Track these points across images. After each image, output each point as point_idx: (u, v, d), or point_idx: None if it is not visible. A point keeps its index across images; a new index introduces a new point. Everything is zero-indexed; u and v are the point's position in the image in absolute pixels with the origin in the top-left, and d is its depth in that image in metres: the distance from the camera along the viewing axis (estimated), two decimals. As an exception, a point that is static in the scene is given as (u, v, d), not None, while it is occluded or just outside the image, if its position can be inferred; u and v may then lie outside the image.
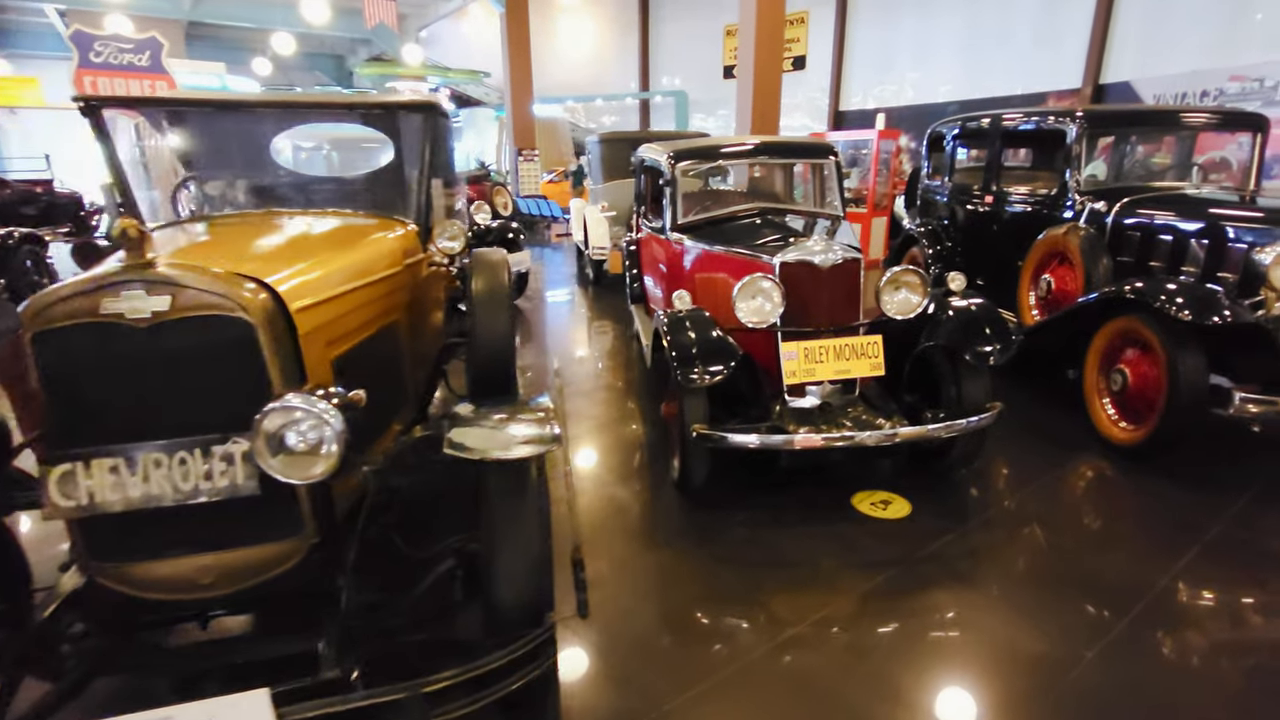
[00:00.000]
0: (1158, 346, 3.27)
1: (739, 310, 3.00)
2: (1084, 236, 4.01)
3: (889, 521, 2.97)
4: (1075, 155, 4.34)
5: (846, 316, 3.15)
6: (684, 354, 2.85)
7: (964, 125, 5.58)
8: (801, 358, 3.01)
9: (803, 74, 18.47)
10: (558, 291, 8.66)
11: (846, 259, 3.09)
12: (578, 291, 8.42)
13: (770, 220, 3.90)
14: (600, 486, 3.34)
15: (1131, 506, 3.12)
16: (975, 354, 2.92)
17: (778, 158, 4.31)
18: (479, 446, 1.58)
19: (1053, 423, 4.03)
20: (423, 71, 21.68)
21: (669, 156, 4.19)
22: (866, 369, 3.03)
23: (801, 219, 4.04)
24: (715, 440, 2.79)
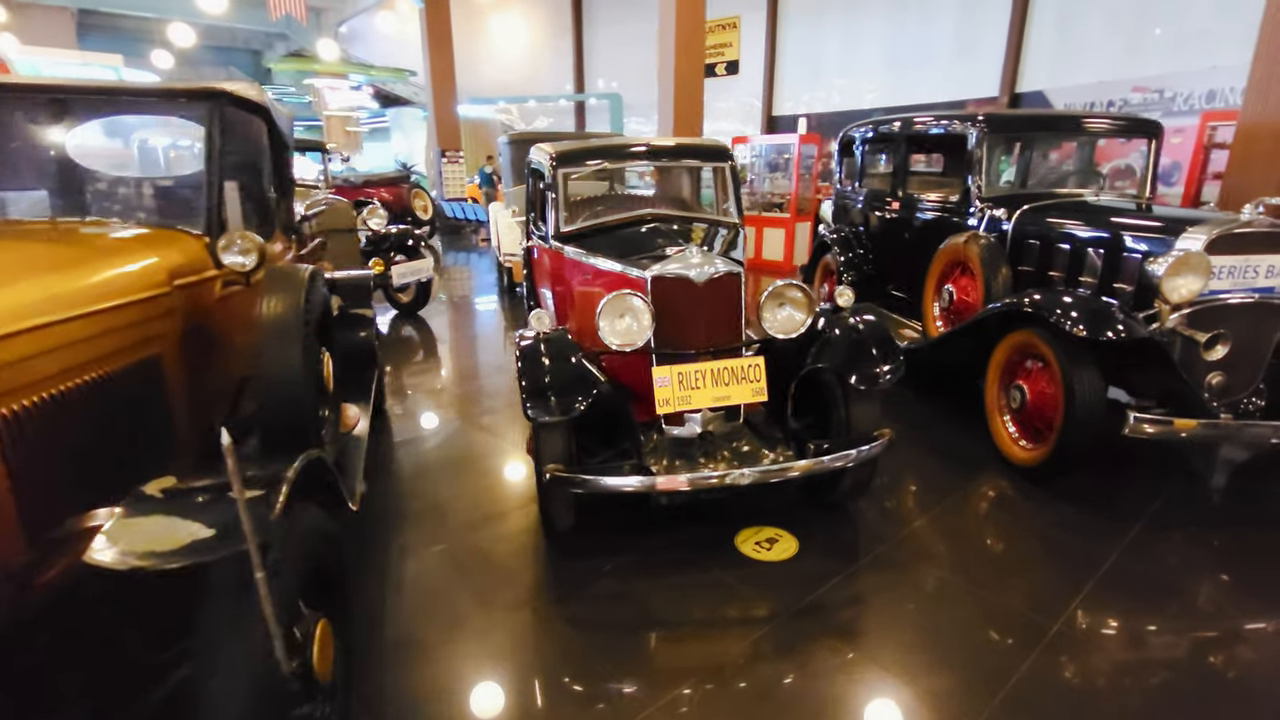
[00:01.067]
0: (1054, 362, 3.10)
1: (602, 331, 2.66)
2: (984, 245, 3.85)
3: (773, 565, 2.68)
4: (977, 160, 4.19)
5: (727, 337, 2.85)
6: (535, 385, 2.49)
7: (874, 129, 5.42)
8: (675, 384, 2.69)
9: (736, 79, 18.47)
10: (475, 300, 8.19)
11: (725, 274, 2.79)
12: (496, 301, 7.97)
13: (660, 229, 3.58)
14: (456, 533, 2.94)
15: (1030, 534, 2.92)
16: (861, 377, 2.66)
17: (667, 161, 4.00)
18: (132, 548, 1.17)
19: (957, 440, 3.85)
20: (343, 68, 20.71)
21: (551, 159, 3.83)
22: (748, 395, 2.73)
23: (703, 226, 3.74)
24: (571, 483, 2.43)
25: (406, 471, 3.56)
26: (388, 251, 6.72)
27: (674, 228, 3.56)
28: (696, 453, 2.76)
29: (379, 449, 3.83)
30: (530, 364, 2.55)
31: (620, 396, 2.77)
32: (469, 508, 3.15)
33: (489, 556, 2.76)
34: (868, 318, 2.87)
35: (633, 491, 2.43)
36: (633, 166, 3.98)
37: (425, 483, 3.42)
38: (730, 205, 3.94)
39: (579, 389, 2.51)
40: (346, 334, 3.72)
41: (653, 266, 2.81)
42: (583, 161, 3.85)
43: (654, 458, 2.72)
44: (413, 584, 2.58)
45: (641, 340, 2.70)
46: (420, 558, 2.74)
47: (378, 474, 3.51)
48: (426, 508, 3.16)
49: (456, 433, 4.06)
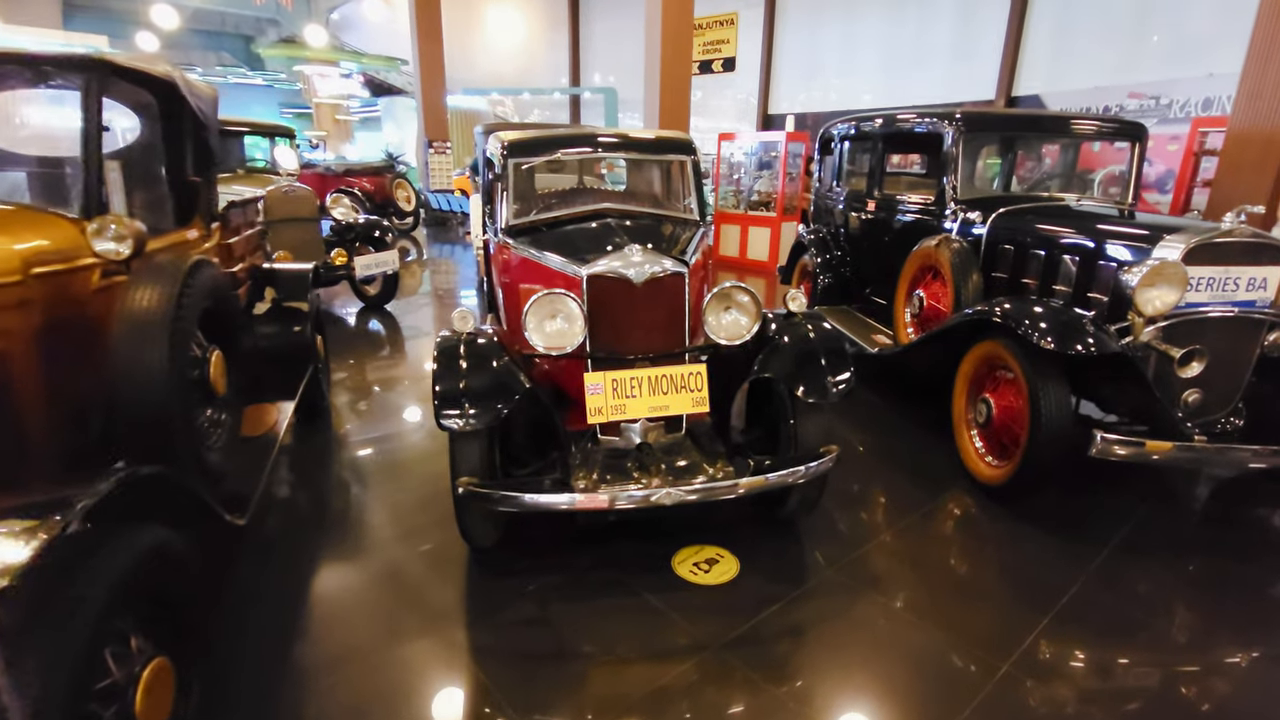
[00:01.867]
0: (1020, 375, 2.91)
1: (528, 332, 2.46)
2: (955, 250, 3.66)
3: (710, 589, 2.48)
4: (952, 160, 3.99)
5: (667, 342, 2.65)
6: (449, 390, 2.29)
7: (853, 127, 5.22)
8: (609, 391, 2.49)
9: (732, 76, 18.30)
10: (452, 295, 7.98)
11: (666, 274, 2.59)
12: (474, 296, 7.75)
13: (613, 225, 3.37)
14: (372, 546, 2.74)
15: (991, 558, 2.73)
16: (809, 389, 2.47)
17: (624, 153, 3.79)
18: None
19: (924, 454, 3.66)
20: (334, 55, 20.42)
21: (502, 147, 3.62)
22: (688, 405, 2.53)
23: (658, 223, 3.53)
24: (485, 499, 2.23)
25: (336, 476, 3.35)
26: (353, 242, 6.50)
27: (627, 224, 3.35)
28: (631, 466, 2.56)
29: (311, 452, 3.63)
30: (445, 367, 2.35)
31: (550, 403, 2.57)
32: (395, 518, 2.95)
33: (402, 574, 2.56)
34: (820, 324, 2.67)
35: (543, 510, 2.23)
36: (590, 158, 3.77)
37: (353, 489, 3.22)
38: (692, 201, 3.74)
39: (498, 395, 2.31)
40: (279, 329, 3.50)
41: (589, 264, 2.61)
42: (536, 151, 3.64)
43: (584, 471, 2.52)
44: (306, 607, 2.38)
45: (573, 344, 2.50)
46: (323, 575, 2.54)
47: (303, 480, 3.31)
48: (346, 517, 2.96)
49: (400, 434, 3.85)
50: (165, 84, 2.55)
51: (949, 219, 4.05)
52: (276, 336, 3.48)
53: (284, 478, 3.33)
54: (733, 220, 10.05)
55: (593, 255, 2.70)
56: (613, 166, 4.53)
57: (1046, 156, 5.29)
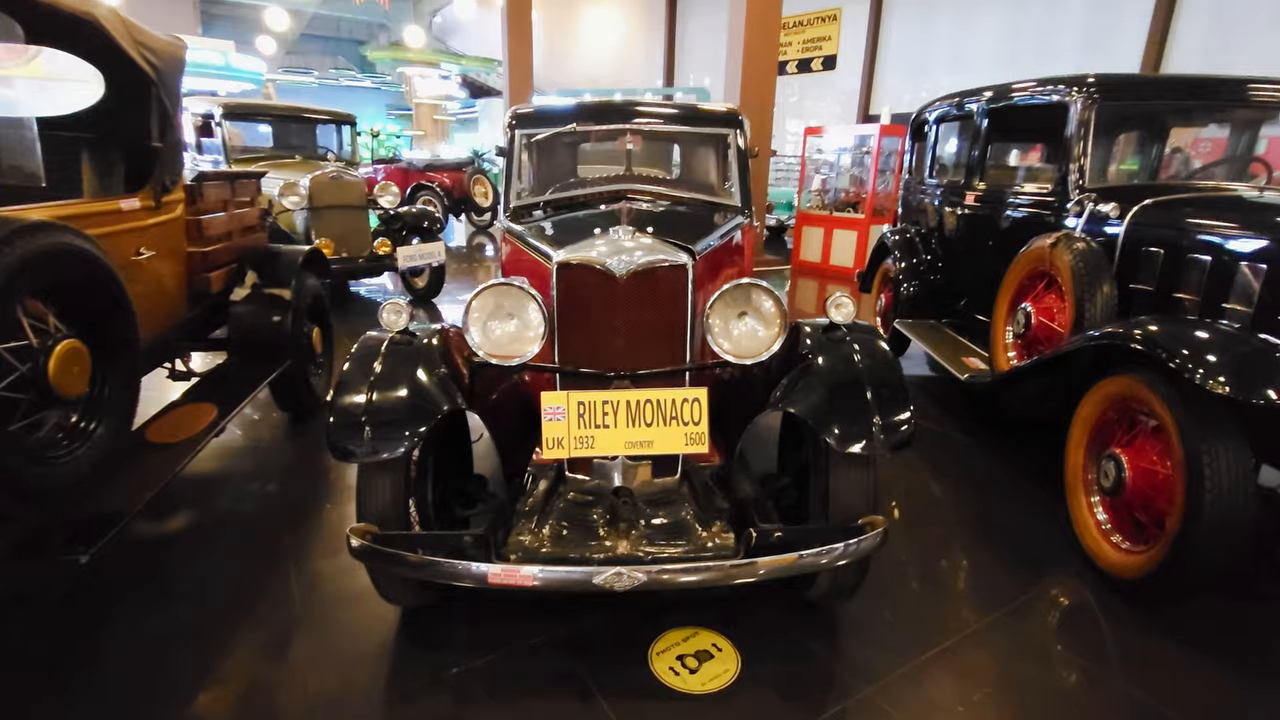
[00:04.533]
0: (1171, 426, 2.04)
1: (467, 332, 1.88)
2: (1078, 251, 2.76)
3: (695, 701, 1.80)
4: (1079, 138, 3.09)
5: (658, 356, 1.99)
6: (349, 409, 1.74)
7: (952, 106, 4.34)
8: (573, 418, 1.86)
9: (833, 75, 17.25)
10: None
11: (660, 265, 1.93)
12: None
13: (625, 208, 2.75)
14: (293, 590, 2.24)
15: (1117, 696, 1.89)
16: (846, 434, 1.74)
17: (654, 123, 3.14)
18: None
19: (1023, 519, 2.79)
20: (433, 57, 20.98)
21: (509, 119, 3.09)
22: (678, 443, 1.87)
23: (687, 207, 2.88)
24: (374, 556, 1.66)
25: (292, 487, 2.92)
26: (400, 232, 6.22)
27: (643, 207, 2.72)
28: (598, 519, 1.92)
29: (281, 456, 3.22)
30: (354, 375, 1.81)
31: (507, 426, 1.98)
32: (337, 547, 2.46)
33: (300, 637, 2.04)
34: (873, 342, 1.93)
35: (442, 581, 1.63)
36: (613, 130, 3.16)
37: (310, 504, 2.76)
38: (734, 185, 3.06)
39: (413, 417, 1.73)
40: (254, 318, 3.12)
41: (561, 251, 2.00)
42: (547, 122, 3.08)
43: (533, 522, 1.91)
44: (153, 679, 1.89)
45: (528, 352, 1.90)
46: (207, 636, 2.05)
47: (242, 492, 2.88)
48: (277, 539, 2.49)
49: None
50: (87, 24, 2.16)
51: (1071, 213, 3.15)
52: (248, 325, 3.10)
53: (231, 487, 2.93)
54: (816, 222, 9.16)
55: (576, 239, 2.09)
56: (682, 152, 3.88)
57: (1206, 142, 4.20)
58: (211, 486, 2.92)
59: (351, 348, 1.92)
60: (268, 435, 3.44)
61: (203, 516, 2.68)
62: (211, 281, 3.01)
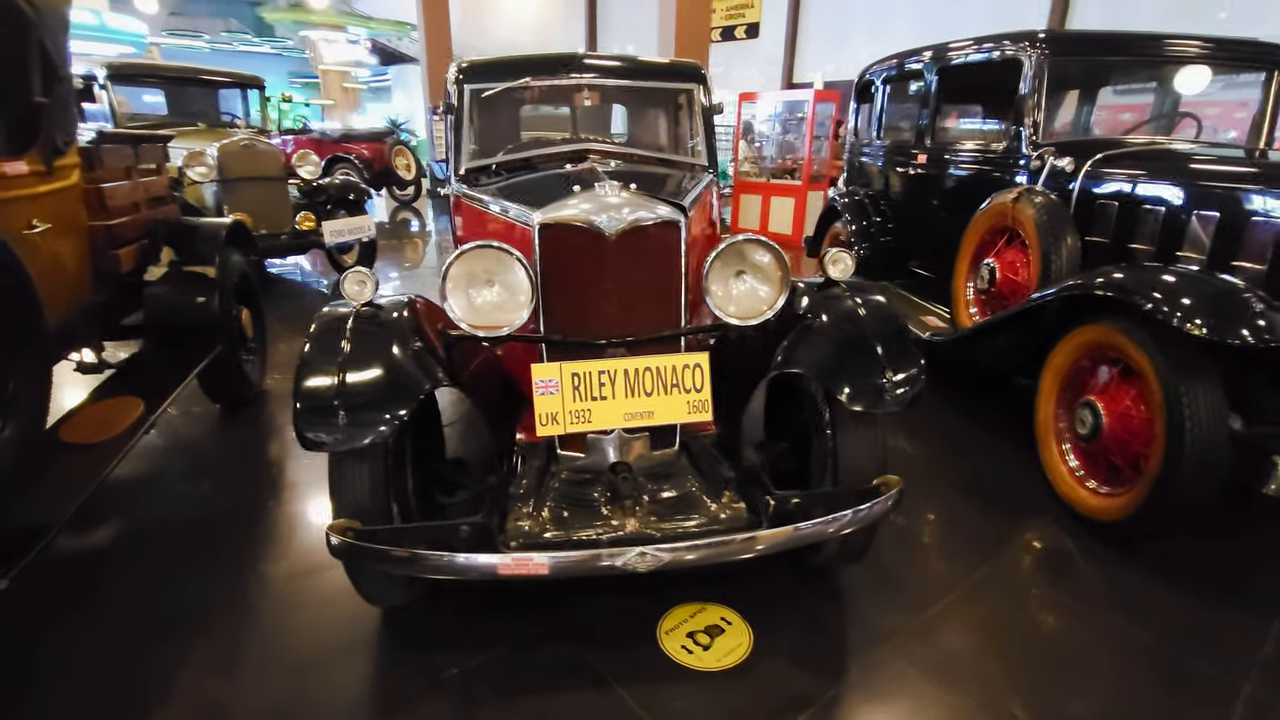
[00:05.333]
0: (1149, 372, 2.09)
1: (446, 303, 1.70)
2: (1041, 205, 2.81)
3: (712, 678, 1.73)
4: (1033, 95, 3.13)
5: (654, 321, 1.87)
6: (317, 392, 1.53)
7: (897, 65, 4.35)
8: (567, 390, 1.72)
9: (756, 43, 17.22)
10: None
11: (653, 222, 1.80)
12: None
13: (593, 167, 2.58)
14: (250, 593, 2.02)
15: (1107, 635, 1.94)
16: (858, 393, 1.68)
17: (610, 79, 2.96)
18: None
19: (998, 470, 2.85)
20: (340, 19, 19.62)
21: (456, 71, 2.85)
22: (681, 412, 1.76)
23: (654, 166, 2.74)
24: (363, 554, 1.49)
25: (234, 483, 2.64)
26: (324, 205, 5.77)
27: (612, 165, 2.56)
28: (599, 499, 1.80)
29: (219, 451, 2.92)
30: (318, 353, 1.60)
31: (479, 405, 1.82)
32: (299, 546, 2.23)
33: (264, 650, 1.84)
34: (873, 298, 1.87)
35: (447, 575, 1.48)
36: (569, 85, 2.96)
37: (254, 498, 2.50)
38: (700, 143, 2.93)
39: (393, 397, 1.55)
40: (175, 299, 2.78)
41: (540, 210, 1.83)
42: (500, 75, 2.85)
43: (529, 505, 1.76)
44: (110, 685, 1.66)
45: (514, 322, 1.74)
46: (151, 656, 1.82)
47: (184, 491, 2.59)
48: (228, 539, 2.24)
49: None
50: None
51: (1024, 170, 3.20)
52: (169, 308, 2.76)
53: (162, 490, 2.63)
54: (753, 190, 9.16)
55: (553, 199, 1.92)
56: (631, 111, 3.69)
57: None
58: (139, 490, 2.60)
59: (308, 327, 1.69)
60: (198, 430, 3.11)
61: (133, 524, 2.38)
62: (120, 259, 2.65)
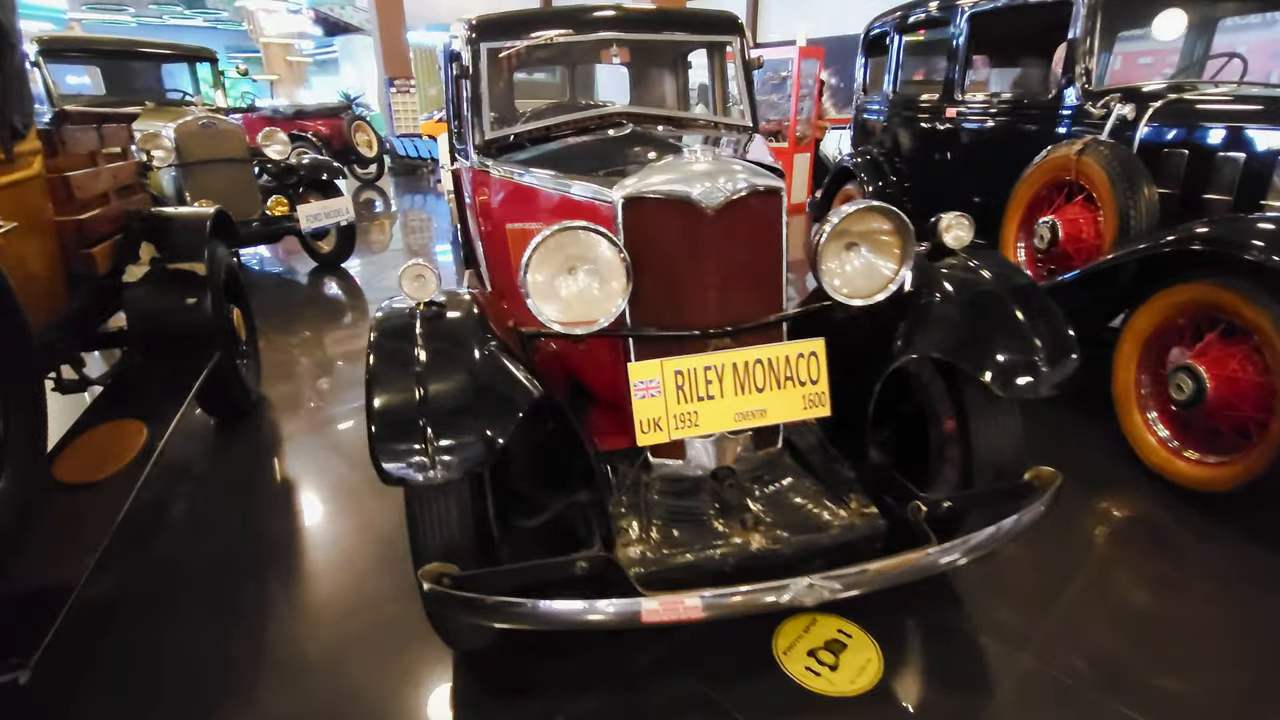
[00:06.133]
0: (1269, 330, 1.94)
1: (532, 297, 1.43)
2: (1112, 156, 2.63)
3: (849, 705, 1.54)
4: (1086, 38, 2.94)
5: (758, 305, 1.63)
6: (400, 410, 1.26)
7: (915, 14, 4.11)
8: (670, 391, 1.49)
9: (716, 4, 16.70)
10: (420, 250, 6.83)
11: (758, 189, 1.55)
12: (450, 252, 6.59)
13: (638, 133, 2.31)
14: (303, 643, 1.76)
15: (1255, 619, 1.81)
16: (1003, 374, 1.48)
17: (647, 33, 2.66)
18: None
19: (1071, 437, 2.70)
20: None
21: (469, 30, 2.51)
22: (797, 408, 1.54)
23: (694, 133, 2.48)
24: (466, 606, 1.24)
25: (252, 512, 2.35)
26: (295, 187, 5.32)
27: (659, 131, 2.29)
28: (705, 508, 1.58)
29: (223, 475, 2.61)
30: (390, 365, 1.32)
31: (573, 413, 1.57)
32: (342, 585, 1.97)
33: (342, 693, 1.59)
34: (1004, 267, 1.67)
35: (576, 628, 1.25)
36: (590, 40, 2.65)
37: (278, 532, 2.22)
38: (744, 105, 2.67)
39: (492, 412, 1.29)
40: (162, 302, 2.44)
41: (625, 181, 1.56)
42: (517, 31, 2.53)
43: (633, 523, 1.53)
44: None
45: (610, 313, 1.48)
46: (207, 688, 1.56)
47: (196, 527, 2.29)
48: (257, 582, 1.97)
49: (362, 442, 2.84)
50: None
51: (1072, 121, 3.03)
52: (157, 314, 2.42)
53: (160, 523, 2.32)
54: (738, 154, 8.87)
55: (626, 169, 1.66)
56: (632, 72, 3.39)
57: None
58: (139, 524, 2.28)
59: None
60: (195, 448, 2.77)
61: (139, 566, 2.07)
62: (95, 259, 2.29)
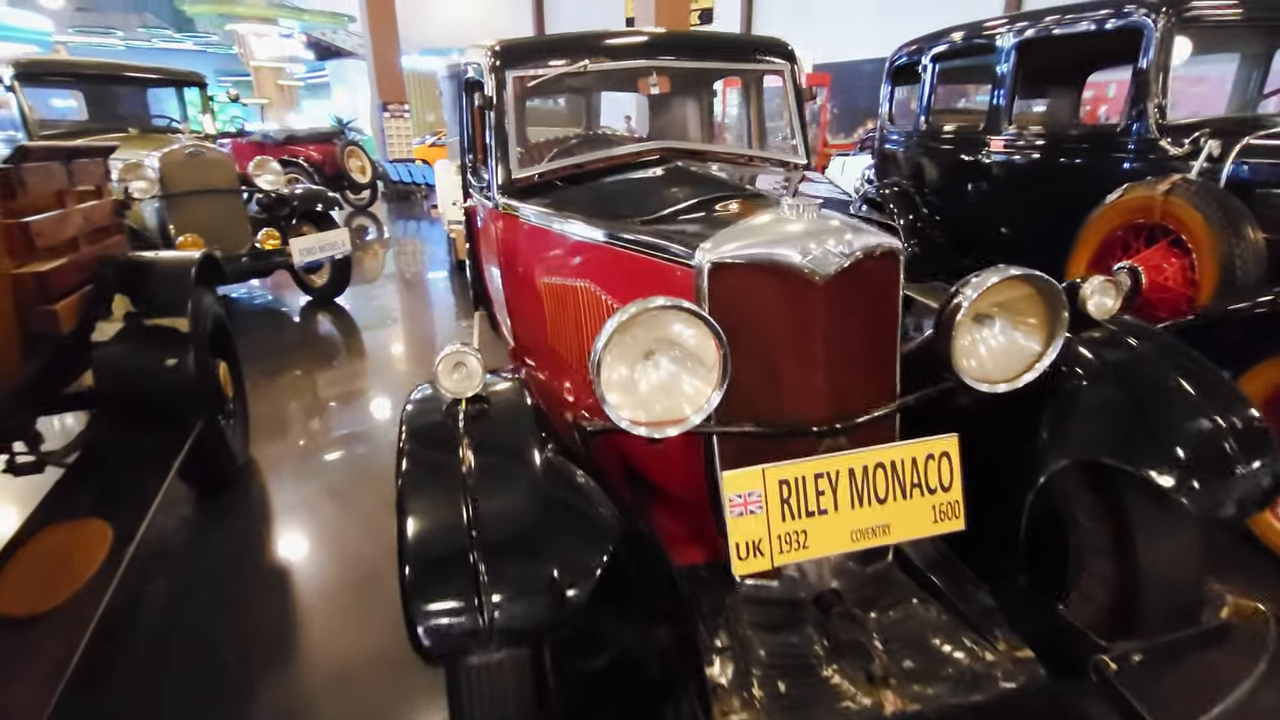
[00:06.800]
0: None
1: (607, 394, 1.12)
2: (1207, 197, 2.38)
3: None
4: (1158, 68, 2.71)
5: (870, 390, 1.33)
6: (437, 551, 0.95)
7: (959, 41, 3.89)
8: (774, 506, 1.18)
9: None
10: (418, 282, 6.51)
11: (874, 251, 1.26)
12: (445, 284, 6.27)
13: (682, 171, 2.03)
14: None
15: None
16: (1193, 490, 1.18)
17: (691, 59, 2.39)
18: None
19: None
20: (270, 12, 18.25)
21: (492, 56, 2.24)
22: (925, 521, 1.24)
23: (741, 170, 2.20)
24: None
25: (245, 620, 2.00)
26: (288, 219, 5.01)
27: (715, 171, 2.01)
28: (813, 646, 1.26)
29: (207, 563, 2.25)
30: (425, 486, 1.01)
31: (651, 535, 1.25)
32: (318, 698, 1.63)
33: None
34: (1176, 347, 1.38)
35: None
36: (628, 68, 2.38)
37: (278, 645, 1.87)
38: (797, 140, 2.41)
39: (568, 555, 0.98)
40: (139, 363, 2.11)
41: (710, 243, 1.27)
42: (544, 58, 2.26)
43: (726, 671, 1.21)
44: None
45: (702, 411, 1.18)
46: None
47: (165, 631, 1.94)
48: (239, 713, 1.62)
49: (369, 511, 2.50)
50: None
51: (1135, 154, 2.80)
52: (131, 378, 2.08)
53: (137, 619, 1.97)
54: (744, 181, 8.69)
55: (693, 226, 1.37)
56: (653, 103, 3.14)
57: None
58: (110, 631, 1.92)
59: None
60: (172, 530, 2.41)
61: (109, 688, 1.72)
62: (58, 317, 1.96)
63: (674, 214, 1.59)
